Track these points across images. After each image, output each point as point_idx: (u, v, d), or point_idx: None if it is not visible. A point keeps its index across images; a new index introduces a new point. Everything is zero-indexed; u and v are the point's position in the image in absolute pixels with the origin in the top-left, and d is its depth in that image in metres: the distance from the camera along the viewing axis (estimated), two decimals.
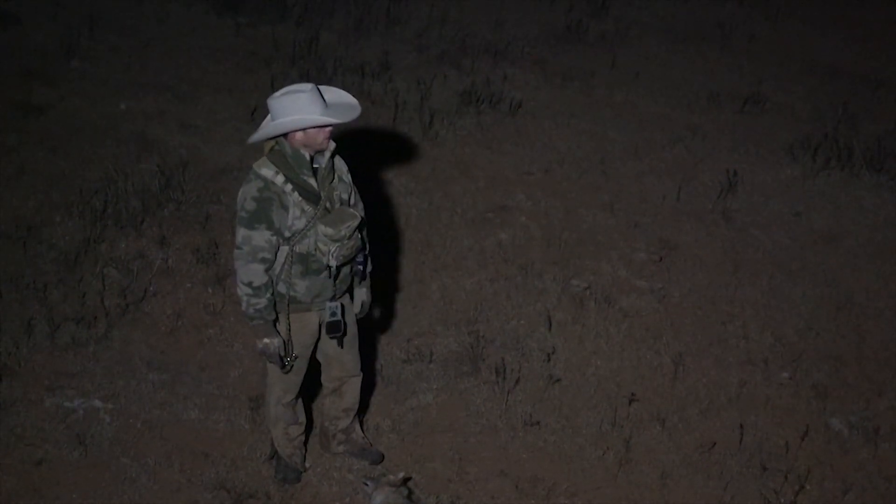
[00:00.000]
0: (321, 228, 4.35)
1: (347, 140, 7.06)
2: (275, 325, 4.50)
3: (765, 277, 6.44)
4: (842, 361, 5.88)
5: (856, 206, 7.16)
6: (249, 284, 4.36)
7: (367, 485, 4.73)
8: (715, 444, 5.30)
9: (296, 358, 4.61)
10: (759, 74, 8.69)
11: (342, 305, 4.58)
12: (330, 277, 4.46)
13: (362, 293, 4.79)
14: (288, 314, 4.51)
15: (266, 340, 4.49)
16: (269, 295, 4.41)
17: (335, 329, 4.56)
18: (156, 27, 8.72)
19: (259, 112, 7.31)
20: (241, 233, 4.33)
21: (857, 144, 7.65)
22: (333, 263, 4.41)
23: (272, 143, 4.38)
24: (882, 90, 8.61)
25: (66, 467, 4.89)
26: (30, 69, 7.86)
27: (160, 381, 5.41)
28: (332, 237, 4.35)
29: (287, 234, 4.36)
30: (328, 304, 4.52)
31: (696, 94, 8.36)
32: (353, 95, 4.52)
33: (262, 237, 4.32)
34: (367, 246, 4.69)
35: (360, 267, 4.60)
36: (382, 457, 5.06)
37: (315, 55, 8.32)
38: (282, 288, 4.47)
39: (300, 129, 4.27)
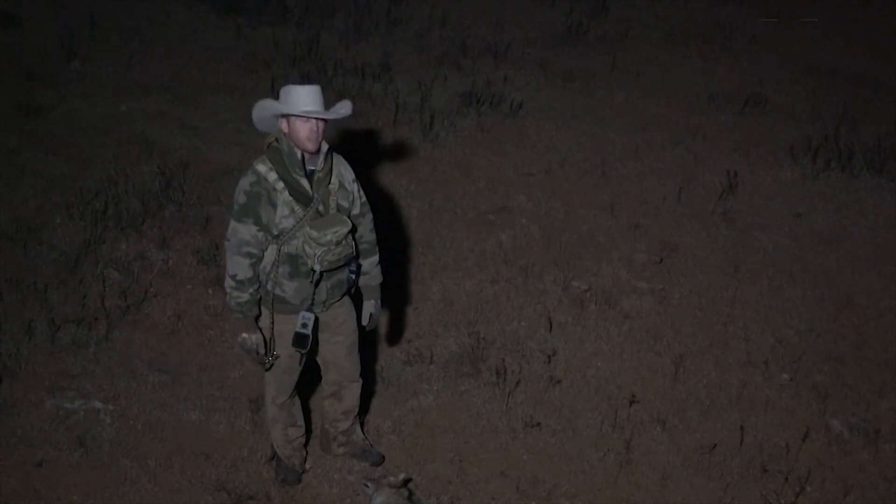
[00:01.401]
0: (307, 231, 4.35)
1: (348, 141, 7.09)
2: (256, 322, 4.52)
3: (765, 278, 6.44)
4: (842, 363, 5.88)
5: (856, 207, 7.16)
6: (234, 277, 4.41)
7: (367, 486, 4.73)
8: (715, 445, 5.30)
9: (277, 357, 4.58)
10: (760, 76, 8.70)
11: (316, 318, 4.53)
12: (312, 282, 4.46)
13: (370, 305, 4.76)
14: (272, 313, 4.51)
15: (244, 335, 4.51)
16: (251, 290, 4.43)
17: (301, 342, 4.48)
18: (156, 28, 8.73)
19: None
20: (231, 225, 4.38)
21: (857, 146, 7.65)
22: (317, 268, 4.40)
23: (272, 138, 4.39)
24: (882, 91, 8.62)
25: (66, 469, 4.89)
26: (30, 70, 7.87)
27: (161, 383, 5.41)
28: (317, 241, 4.34)
29: (275, 231, 4.36)
30: (303, 313, 4.49)
31: (697, 96, 8.37)
32: (354, 96, 4.52)
33: (248, 231, 4.35)
34: (377, 254, 4.70)
35: (353, 276, 4.60)
36: (383, 458, 5.06)
37: (315, 56, 8.33)
38: (269, 286, 4.47)
39: (280, 115, 4.29)
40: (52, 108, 7.46)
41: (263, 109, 4.36)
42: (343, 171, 4.50)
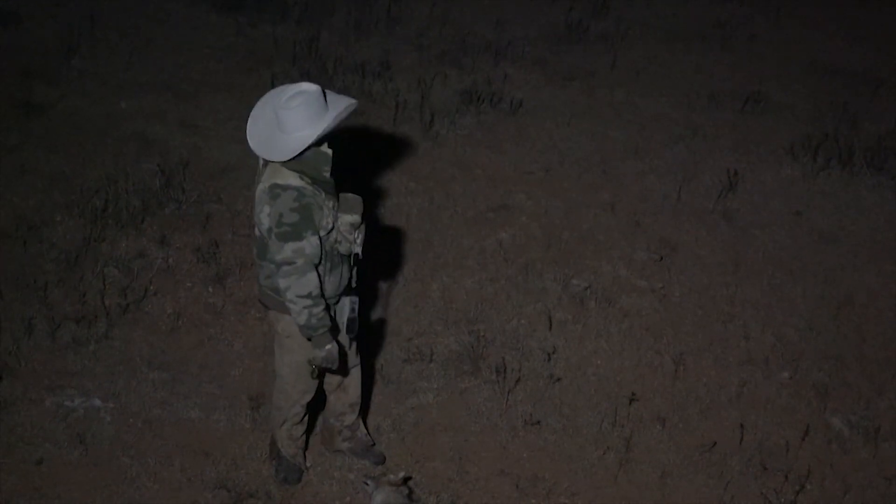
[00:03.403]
0: (344, 218, 4.32)
1: (348, 139, 7.08)
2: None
3: (765, 277, 6.44)
4: (842, 361, 5.88)
5: (856, 205, 7.16)
6: (308, 295, 4.25)
7: (367, 484, 4.73)
8: (715, 443, 5.30)
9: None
10: (760, 74, 8.69)
11: (358, 300, 4.52)
12: (353, 266, 4.42)
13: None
14: (333, 314, 4.47)
15: (328, 347, 4.37)
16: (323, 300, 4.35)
17: (353, 327, 4.49)
18: (156, 26, 8.72)
19: None
20: (290, 247, 4.19)
21: (857, 144, 7.65)
22: (358, 250, 4.39)
23: None
24: (882, 90, 8.61)
25: (66, 467, 4.89)
26: (30, 68, 7.86)
27: (161, 381, 5.41)
28: (355, 224, 4.33)
29: (322, 234, 4.31)
30: (346, 298, 4.46)
31: (697, 94, 8.36)
32: (354, 95, 4.50)
33: (312, 244, 4.23)
34: None
35: None
36: (384, 458, 5.06)
37: (315, 55, 8.32)
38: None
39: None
40: (52, 105, 7.45)
41: (301, 143, 4.17)
42: None
